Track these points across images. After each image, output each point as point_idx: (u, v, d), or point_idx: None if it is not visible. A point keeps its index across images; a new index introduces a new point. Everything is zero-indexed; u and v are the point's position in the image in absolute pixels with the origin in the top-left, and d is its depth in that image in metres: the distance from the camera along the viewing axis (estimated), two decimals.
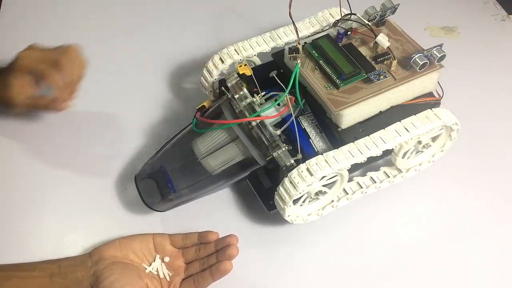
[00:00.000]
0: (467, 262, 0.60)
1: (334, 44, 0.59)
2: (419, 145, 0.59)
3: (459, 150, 0.65)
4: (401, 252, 0.60)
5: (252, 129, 0.54)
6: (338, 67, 0.57)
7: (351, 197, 0.60)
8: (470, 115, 0.69)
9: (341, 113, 0.54)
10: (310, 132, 0.59)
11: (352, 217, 0.62)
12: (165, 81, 0.76)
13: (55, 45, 0.62)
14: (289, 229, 0.61)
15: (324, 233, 0.61)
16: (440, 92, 0.60)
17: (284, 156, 0.53)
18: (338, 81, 0.56)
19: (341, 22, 0.62)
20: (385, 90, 0.56)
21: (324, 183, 0.55)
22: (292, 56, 0.58)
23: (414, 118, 0.56)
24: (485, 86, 0.77)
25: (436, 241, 0.61)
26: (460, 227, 0.62)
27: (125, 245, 0.55)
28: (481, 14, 0.88)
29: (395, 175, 0.62)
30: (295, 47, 0.58)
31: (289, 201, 0.53)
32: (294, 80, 0.55)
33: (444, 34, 0.85)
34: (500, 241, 0.61)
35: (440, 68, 0.58)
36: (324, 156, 0.53)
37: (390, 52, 0.57)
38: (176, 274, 0.55)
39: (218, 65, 0.61)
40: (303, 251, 0.60)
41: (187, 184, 0.59)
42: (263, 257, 0.59)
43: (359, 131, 0.56)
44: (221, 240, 0.56)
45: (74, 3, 0.86)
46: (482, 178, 0.67)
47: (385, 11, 0.61)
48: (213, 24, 0.85)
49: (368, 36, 0.60)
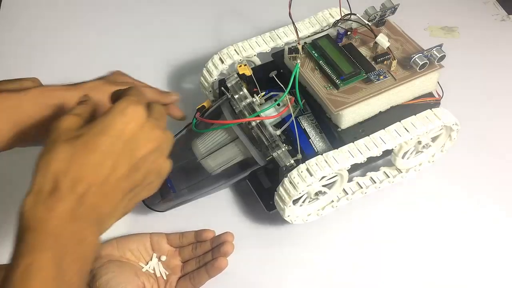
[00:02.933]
0: (467, 262, 0.60)
1: (334, 44, 0.59)
2: (419, 145, 0.59)
3: (459, 150, 0.65)
4: (401, 252, 0.60)
5: (252, 129, 0.54)
6: (338, 67, 0.57)
7: (351, 197, 0.60)
8: (470, 115, 0.69)
9: (341, 113, 0.54)
10: (310, 132, 0.59)
11: (352, 217, 0.62)
12: (165, 81, 0.76)
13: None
14: (289, 229, 0.61)
15: (324, 233, 0.61)
16: (440, 92, 0.60)
17: (284, 156, 0.53)
18: (338, 81, 0.56)
19: (341, 22, 0.62)
20: (385, 90, 0.55)
21: (324, 183, 0.55)
22: (291, 56, 0.58)
23: (414, 118, 0.56)
24: (485, 86, 0.77)
25: (436, 241, 0.61)
26: (460, 227, 0.62)
27: (122, 244, 0.55)
28: (481, 14, 0.88)
29: (395, 175, 0.62)
30: (295, 47, 0.58)
31: (289, 201, 0.53)
32: (294, 80, 0.55)
33: (444, 34, 0.84)
34: (500, 241, 0.61)
35: (440, 68, 0.58)
36: (324, 156, 0.53)
37: (390, 52, 0.57)
38: (172, 273, 0.56)
39: (218, 65, 0.61)
40: (303, 251, 0.60)
41: (187, 184, 0.59)
42: (263, 257, 0.59)
43: (359, 131, 0.56)
44: (217, 238, 0.56)
45: (75, 3, 0.86)
46: (482, 178, 0.67)
47: (385, 11, 0.61)
48: (213, 24, 0.85)
49: (368, 36, 0.60)
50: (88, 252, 0.35)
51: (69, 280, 0.33)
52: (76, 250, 0.33)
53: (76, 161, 0.34)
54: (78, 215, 0.34)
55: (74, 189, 0.34)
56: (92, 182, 0.34)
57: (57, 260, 0.32)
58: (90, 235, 0.35)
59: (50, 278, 0.32)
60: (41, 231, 0.33)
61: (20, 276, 0.31)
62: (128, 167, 0.36)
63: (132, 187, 0.38)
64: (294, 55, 0.58)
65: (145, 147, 0.37)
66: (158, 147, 0.39)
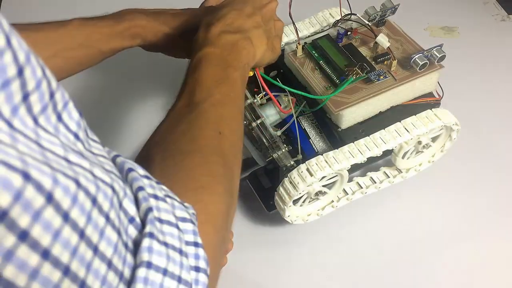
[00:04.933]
0: (467, 262, 0.60)
1: (334, 44, 0.59)
2: (419, 146, 0.59)
3: (459, 150, 0.65)
4: (401, 252, 0.60)
5: (252, 130, 0.54)
6: (338, 67, 0.57)
7: (351, 197, 0.60)
8: (470, 115, 0.69)
9: (341, 113, 0.54)
10: (310, 132, 0.59)
11: (352, 217, 0.62)
12: (165, 81, 0.76)
13: None
14: (289, 229, 0.61)
15: (324, 233, 0.61)
16: (440, 92, 0.60)
17: (284, 157, 0.53)
18: (338, 81, 0.56)
19: (341, 22, 0.62)
20: (385, 90, 0.55)
21: (324, 183, 0.55)
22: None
23: (414, 119, 0.56)
24: (485, 86, 0.77)
25: (436, 241, 0.61)
26: (460, 227, 0.62)
27: None
28: (481, 14, 0.88)
29: (395, 176, 0.62)
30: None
31: (289, 201, 0.53)
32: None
33: (444, 34, 0.85)
34: (500, 241, 0.61)
35: (440, 68, 0.58)
36: (324, 156, 0.53)
37: (390, 52, 0.57)
38: None
39: None
40: (303, 251, 0.60)
41: None
42: (263, 257, 0.59)
43: (359, 131, 0.56)
44: None
45: (74, 3, 0.86)
46: (482, 178, 0.67)
47: (385, 11, 0.61)
48: None
49: (368, 36, 0.60)
50: (239, 51, 0.47)
51: (227, 56, 0.45)
52: (232, 49, 0.46)
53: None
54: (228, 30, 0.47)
55: (224, 21, 0.48)
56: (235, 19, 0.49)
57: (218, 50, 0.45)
58: (241, 41, 0.47)
59: (215, 58, 0.45)
60: (208, 39, 0.46)
61: (195, 63, 0.44)
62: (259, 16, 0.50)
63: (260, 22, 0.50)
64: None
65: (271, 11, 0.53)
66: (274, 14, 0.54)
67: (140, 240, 0.26)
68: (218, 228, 0.35)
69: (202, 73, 0.43)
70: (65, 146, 0.22)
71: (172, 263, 0.27)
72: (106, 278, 0.23)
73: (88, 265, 0.21)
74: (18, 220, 0.18)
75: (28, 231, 0.18)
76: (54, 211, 0.19)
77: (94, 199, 0.22)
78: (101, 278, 0.22)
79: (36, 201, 0.18)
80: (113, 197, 0.24)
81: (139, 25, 0.54)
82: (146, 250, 0.26)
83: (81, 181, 0.21)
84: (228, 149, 0.40)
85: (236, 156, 0.41)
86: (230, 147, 0.40)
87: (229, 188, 0.37)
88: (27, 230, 0.18)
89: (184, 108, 0.41)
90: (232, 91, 0.43)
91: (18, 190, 0.18)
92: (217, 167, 0.38)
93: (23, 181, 0.18)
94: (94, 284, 0.22)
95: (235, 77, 0.44)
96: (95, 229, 0.22)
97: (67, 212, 0.20)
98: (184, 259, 0.28)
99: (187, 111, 0.41)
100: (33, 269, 0.18)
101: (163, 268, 0.26)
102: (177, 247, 0.28)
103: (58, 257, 0.19)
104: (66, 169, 0.20)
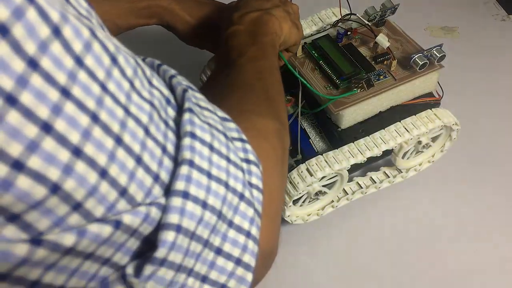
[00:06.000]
0: (467, 262, 0.60)
1: (334, 44, 0.59)
2: (419, 145, 0.59)
3: (459, 150, 0.65)
4: (401, 252, 0.60)
5: None
6: (338, 67, 0.57)
7: (351, 197, 0.60)
8: (470, 115, 0.69)
9: (341, 113, 0.54)
10: (310, 132, 0.59)
11: (352, 217, 0.62)
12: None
13: None
14: (289, 229, 0.61)
15: (324, 233, 0.61)
16: (440, 92, 0.60)
17: None
18: (338, 81, 0.56)
19: (341, 22, 0.62)
20: (385, 90, 0.55)
21: (324, 183, 0.55)
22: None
23: (414, 118, 0.56)
24: (485, 86, 0.77)
25: (436, 241, 0.61)
26: (460, 227, 0.62)
27: None
28: (481, 14, 0.88)
29: (395, 175, 0.62)
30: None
31: (289, 201, 0.53)
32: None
33: (444, 34, 0.85)
34: (501, 241, 0.61)
35: (440, 68, 0.58)
36: (324, 156, 0.53)
37: (390, 52, 0.57)
38: None
39: None
40: (303, 251, 0.60)
41: None
42: None
43: (359, 131, 0.56)
44: None
45: None
46: (482, 178, 0.67)
47: (385, 11, 0.61)
48: None
49: (368, 36, 0.60)
50: (265, 23, 0.47)
51: (253, 28, 0.46)
52: (256, 22, 0.47)
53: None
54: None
55: (245, 6, 0.49)
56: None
57: (242, 26, 0.46)
58: (264, 15, 0.47)
59: (242, 32, 0.46)
60: (232, 21, 0.47)
61: (223, 40, 0.46)
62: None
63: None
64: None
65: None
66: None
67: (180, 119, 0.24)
68: (274, 144, 0.34)
69: (233, 42, 0.45)
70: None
71: (218, 142, 0.25)
72: (145, 144, 0.22)
73: (122, 124, 0.20)
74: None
75: (69, 89, 0.19)
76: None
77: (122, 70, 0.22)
78: (139, 141, 0.21)
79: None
80: (137, 68, 0.23)
81: (160, 5, 0.55)
82: (188, 123, 0.24)
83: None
84: (270, 87, 0.41)
85: (279, 93, 0.42)
86: (272, 86, 0.41)
87: (277, 117, 0.38)
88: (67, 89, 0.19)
89: (221, 70, 0.43)
90: (264, 53, 0.44)
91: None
92: (261, 98, 0.39)
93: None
94: (133, 145, 0.21)
95: (265, 41, 0.45)
96: (120, 91, 0.21)
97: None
98: (230, 144, 0.26)
99: (225, 69, 0.42)
100: (84, 129, 0.19)
101: (208, 143, 0.24)
102: (220, 130, 0.26)
103: (105, 122, 0.20)
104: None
